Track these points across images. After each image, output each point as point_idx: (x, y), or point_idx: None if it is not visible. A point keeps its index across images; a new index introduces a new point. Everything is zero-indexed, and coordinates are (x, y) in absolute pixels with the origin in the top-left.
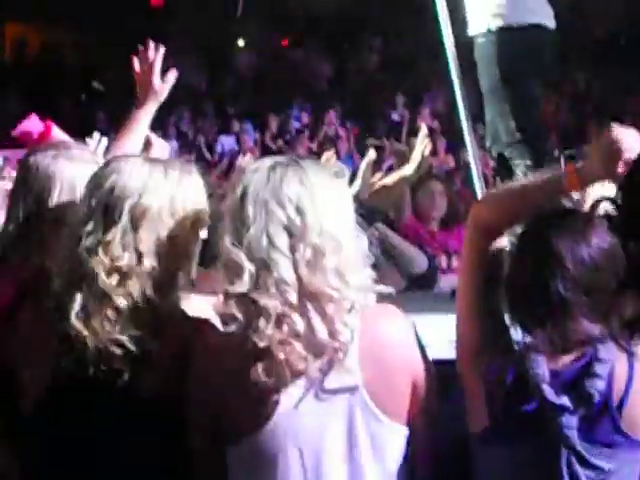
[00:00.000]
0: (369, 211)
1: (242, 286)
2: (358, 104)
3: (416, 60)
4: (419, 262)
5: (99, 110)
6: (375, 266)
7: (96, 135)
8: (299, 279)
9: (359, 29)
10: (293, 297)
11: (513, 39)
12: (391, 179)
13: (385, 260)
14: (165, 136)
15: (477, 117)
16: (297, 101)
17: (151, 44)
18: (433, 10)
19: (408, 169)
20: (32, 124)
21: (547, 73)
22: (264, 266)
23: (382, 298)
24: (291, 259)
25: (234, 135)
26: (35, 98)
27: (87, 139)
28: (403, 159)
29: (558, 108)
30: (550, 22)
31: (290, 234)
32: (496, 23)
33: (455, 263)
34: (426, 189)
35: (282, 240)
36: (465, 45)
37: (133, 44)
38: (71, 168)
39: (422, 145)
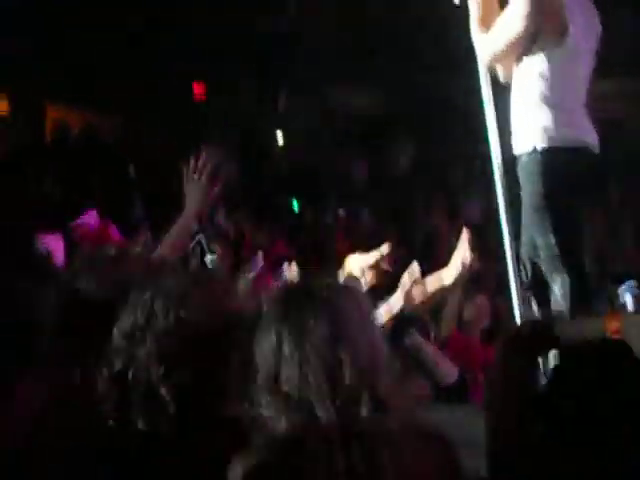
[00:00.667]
0: (405, 318)
1: (281, 428)
2: (393, 207)
3: (452, 168)
4: (449, 373)
5: (134, 195)
6: (405, 374)
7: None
8: (338, 418)
9: (396, 130)
10: (334, 437)
11: (559, 159)
12: (431, 288)
13: (415, 369)
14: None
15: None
16: (332, 198)
17: (204, 151)
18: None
19: (447, 278)
20: (91, 220)
21: (591, 195)
22: (303, 409)
23: (413, 409)
24: (329, 399)
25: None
26: (73, 181)
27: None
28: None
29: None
30: (595, 146)
31: (327, 375)
32: (542, 143)
33: None
34: (471, 302)
35: (320, 380)
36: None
37: (171, 130)
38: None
39: (462, 251)
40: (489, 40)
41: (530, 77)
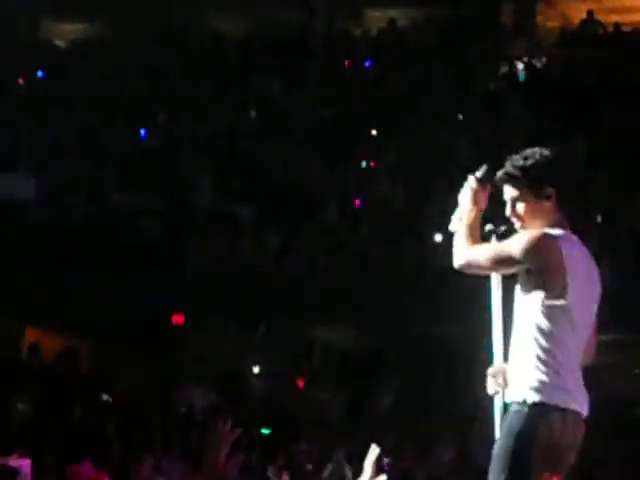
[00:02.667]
0: None
1: None
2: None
3: (430, 408)
4: None
5: (109, 422)
6: None
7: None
8: None
9: (377, 366)
10: None
11: (545, 417)
12: None
13: None
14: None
15: None
16: (306, 439)
17: (228, 422)
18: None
19: None
20: (86, 470)
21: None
22: None
23: None
24: None
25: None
26: (46, 404)
27: None
28: None
29: None
30: (585, 410)
31: None
32: (532, 397)
33: None
34: None
35: None
36: None
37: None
38: None
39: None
40: (470, 249)
41: (530, 330)
